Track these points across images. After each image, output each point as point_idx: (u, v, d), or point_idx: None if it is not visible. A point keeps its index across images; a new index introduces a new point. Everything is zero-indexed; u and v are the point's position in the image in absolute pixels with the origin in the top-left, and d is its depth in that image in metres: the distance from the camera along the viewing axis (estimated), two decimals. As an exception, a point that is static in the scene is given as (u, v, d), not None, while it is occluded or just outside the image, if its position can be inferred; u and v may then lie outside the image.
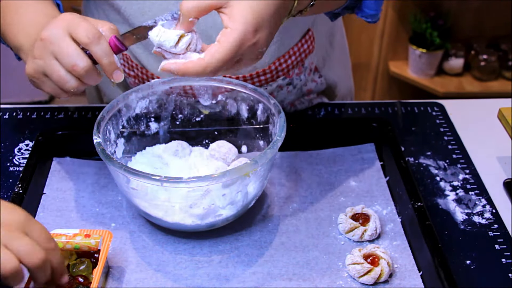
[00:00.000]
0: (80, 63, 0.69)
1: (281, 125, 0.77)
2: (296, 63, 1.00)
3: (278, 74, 0.99)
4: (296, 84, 1.02)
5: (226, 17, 0.66)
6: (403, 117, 1.04)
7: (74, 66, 0.70)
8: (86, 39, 0.69)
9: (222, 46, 0.65)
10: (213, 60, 0.65)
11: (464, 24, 2.33)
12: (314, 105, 1.07)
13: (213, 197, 0.74)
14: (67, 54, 0.70)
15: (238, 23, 0.65)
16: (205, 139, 0.92)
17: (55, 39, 0.70)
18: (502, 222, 0.83)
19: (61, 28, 0.70)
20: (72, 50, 0.70)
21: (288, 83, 1.01)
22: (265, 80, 0.97)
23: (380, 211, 0.83)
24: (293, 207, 0.84)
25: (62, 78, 0.71)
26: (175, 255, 0.77)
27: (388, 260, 0.73)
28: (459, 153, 0.96)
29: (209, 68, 0.66)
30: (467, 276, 0.75)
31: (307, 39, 1.00)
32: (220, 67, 0.66)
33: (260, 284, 0.73)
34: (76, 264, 0.70)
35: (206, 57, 0.66)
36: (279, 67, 0.98)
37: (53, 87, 0.73)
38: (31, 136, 0.97)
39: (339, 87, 1.13)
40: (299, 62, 1.00)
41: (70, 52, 0.70)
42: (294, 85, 1.02)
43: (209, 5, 0.66)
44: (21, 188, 0.81)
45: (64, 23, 0.71)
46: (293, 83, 1.01)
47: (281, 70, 0.98)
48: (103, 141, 0.76)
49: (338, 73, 1.13)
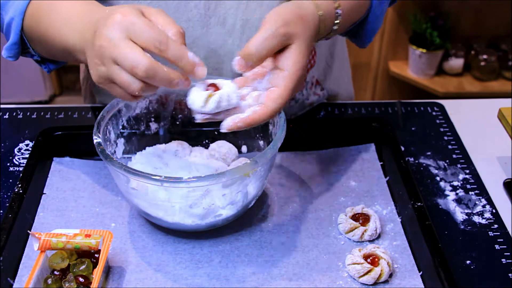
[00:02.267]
0: (140, 64, 0.65)
1: (281, 125, 0.77)
2: None
3: None
4: (298, 99, 1.02)
5: (283, 58, 0.69)
6: (403, 117, 1.04)
7: (134, 68, 0.65)
8: (154, 48, 0.66)
9: (283, 91, 0.69)
10: (276, 105, 0.69)
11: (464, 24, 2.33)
12: (314, 105, 1.07)
13: (213, 197, 0.74)
14: (126, 57, 0.65)
15: (295, 67, 0.69)
16: (205, 139, 0.92)
17: (113, 43, 0.66)
18: (502, 222, 0.83)
19: (119, 31, 0.66)
20: (131, 52, 0.65)
21: (291, 98, 1.00)
22: None
23: (380, 211, 0.83)
24: (293, 207, 0.84)
25: (125, 82, 0.67)
26: (175, 255, 0.77)
27: (388, 260, 0.73)
28: (459, 153, 0.96)
29: (274, 113, 0.69)
30: (467, 276, 0.75)
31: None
32: (281, 108, 0.70)
33: (260, 284, 0.73)
34: (77, 264, 0.70)
35: (269, 104, 0.69)
36: None
37: (120, 91, 0.70)
38: (31, 136, 0.97)
39: (340, 95, 1.13)
40: None
41: (129, 54, 0.65)
42: (296, 99, 1.02)
43: (276, 45, 0.69)
44: (21, 188, 0.81)
45: (124, 24, 0.66)
46: (295, 97, 1.01)
47: None
48: (103, 141, 0.76)
49: (339, 83, 1.12)
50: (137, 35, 0.66)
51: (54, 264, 0.71)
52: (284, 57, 0.69)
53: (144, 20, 0.67)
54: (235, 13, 0.88)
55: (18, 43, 0.83)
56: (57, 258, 0.71)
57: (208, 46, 0.90)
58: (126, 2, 0.89)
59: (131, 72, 0.66)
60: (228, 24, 0.89)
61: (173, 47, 0.66)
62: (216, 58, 0.91)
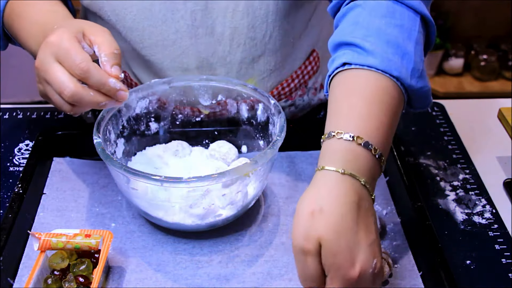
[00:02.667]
0: (65, 90, 0.69)
1: (281, 125, 0.77)
2: (299, 85, 0.99)
3: (281, 97, 0.98)
4: (298, 105, 1.02)
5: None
6: (403, 117, 1.04)
7: (61, 93, 0.69)
8: (77, 76, 0.69)
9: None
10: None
11: (464, 24, 2.33)
12: (314, 105, 1.07)
13: (213, 197, 0.74)
14: (53, 82, 0.69)
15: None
16: (205, 139, 0.92)
17: (44, 66, 0.70)
18: (502, 222, 0.83)
19: (48, 54, 0.70)
20: (58, 76, 0.69)
21: (291, 105, 1.01)
22: None
23: (380, 211, 0.83)
24: (293, 207, 0.84)
25: (57, 103, 0.72)
26: (175, 255, 0.77)
27: (388, 260, 0.73)
28: (459, 153, 0.96)
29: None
30: (467, 276, 0.75)
31: (311, 60, 0.99)
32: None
33: (260, 284, 0.73)
34: (77, 264, 0.70)
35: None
36: (281, 91, 0.98)
37: (57, 107, 0.73)
38: (31, 136, 0.97)
39: None
40: (303, 83, 1.00)
41: (56, 79, 0.69)
42: (296, 105, 1.02)
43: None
44: (21, 188, 0.81)
45: (53, 49, 0.69)
46: (295, 104, 1.01)
47: (284, 94, 0.98)
48: (103, 141, 0.76)
49: None
50: (62, 60, 0.69)
51: (54, 264, 0.71)
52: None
53: (71, 45, 0.69)
54: (222, 22, 0.88)
55: (1, 37, 0.87)
56: (57, 258, 0.71)
57: (198, 56, 0.90)
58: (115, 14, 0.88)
59: (60, 95, 0.70)
60: (217, 33, 0.89)
61: (94, 75, 0.69)
62: (208, 66, 0.91)
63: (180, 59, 0.90)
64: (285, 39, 0.92)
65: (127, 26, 0.88)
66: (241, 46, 0.90)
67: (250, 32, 0.89)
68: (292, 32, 0.93)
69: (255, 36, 0.89)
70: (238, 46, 0.90)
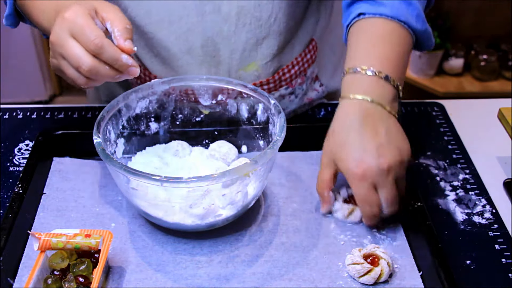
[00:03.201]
0: (83, 64, 0.71)
1: (281, 125, 0.77)
2: (299, 73, 1.00)
3: (281, 83, 0.99)
4: (298, 93, 1.03)
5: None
6: (403, 117, 1.04)
7: (79, 67, 0.72)
8: (91, 51, 0.71)
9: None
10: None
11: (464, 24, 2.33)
12: (314, 105, 1.07)
13: (213, 197, 0.74)
14: (70, 56, 0.72)
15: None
16: (205, 139, 0.92)
17: (60, 41, 0.72)
18: (502, 222, 0.83)
19: (65, 30, 0.72)
20: (75, 51, 0.72)
21: (291, 93, 1.01)
22: (268, 90, 0.98)
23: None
24: (293, 207, 0.84)
25: (73, 76, 0.74)
26: (175, 255, 0.77)
27: (388, 260, 0.73)
28: (459, 153, 0.96)
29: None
30: (467, 276, 0.75)
31: (310, 49, 1.01)
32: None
33: (260, 284, 0.73)
34: (77, 264, 0.70)
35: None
36: (282, 76, 0.99)
37: (71, 81, 0.76)
38: (31, 136, 0.97)
39: (339, 92, 1.13)
40: (302, 71, 1.01)
41: (73, 54, 0.72)
42: (296, 94, 1.03)
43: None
44: (21, 188, 0.81)
45: (69, 25, 0.72)
46: (295, 92, 1.02)
47: (284, 80, 0.99)
48: (103, 141, 0.76)
49: (339, 79, 1.13)
50: (77, 36, 0.72)
51: (54, 264, 0.71)
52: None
53: (85, 21, 0.72)
54: (229, 0, 0.89)
55: (13, 14, 0.89)
56: (57, 258, 0.71)
57: (204, 34, 0.91)
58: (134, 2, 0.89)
59: (76, 70, 0.72)
60: (223, 11, 0.90)
61: (108, 51, 0.71)
62: (212, 45, 0.92)
63: (185, 37, 0.91)
64: (288, 23, 0.94)
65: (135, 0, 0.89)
66: (246, 25, 0.91)
67: (256, 12, 0.90)
68: (293, 17, 0.95)
69: (260, 16, 0.91)
70: (244, 25, 0.91)
